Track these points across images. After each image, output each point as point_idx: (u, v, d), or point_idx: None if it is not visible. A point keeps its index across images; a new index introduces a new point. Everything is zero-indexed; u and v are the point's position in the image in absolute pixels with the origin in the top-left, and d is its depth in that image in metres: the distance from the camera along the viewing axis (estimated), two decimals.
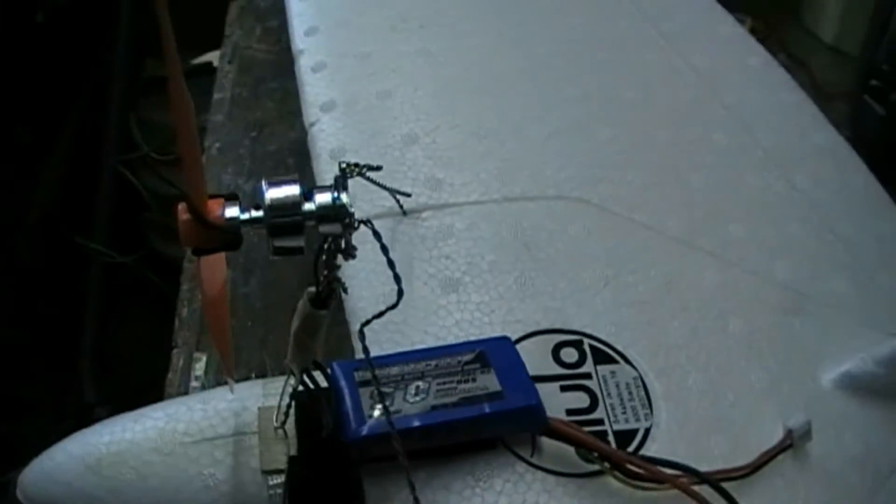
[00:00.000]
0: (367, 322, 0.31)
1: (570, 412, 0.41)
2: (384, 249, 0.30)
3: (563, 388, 0.41)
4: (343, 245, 0.30)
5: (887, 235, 0.51)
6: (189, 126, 0.28)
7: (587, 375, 0.42)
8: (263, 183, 0.29)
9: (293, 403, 0.38)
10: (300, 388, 0.38)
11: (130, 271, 1.34)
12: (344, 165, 0.30)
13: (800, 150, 0.55)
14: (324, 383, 0.38)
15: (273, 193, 0.29)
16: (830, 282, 0.48)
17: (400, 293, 0.30)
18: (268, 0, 0.86)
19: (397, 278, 0.30)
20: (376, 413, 0.37)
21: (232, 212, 0.29)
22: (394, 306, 0.30)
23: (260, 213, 0.29)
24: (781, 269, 0.48)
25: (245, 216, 0.29)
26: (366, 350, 0.31)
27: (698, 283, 0.47)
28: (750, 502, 0.38)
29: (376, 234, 0.30)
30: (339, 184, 0.30)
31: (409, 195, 0.45)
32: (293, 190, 0.29)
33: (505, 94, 0.55)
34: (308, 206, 0.29)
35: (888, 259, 0.50)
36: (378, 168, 0.31)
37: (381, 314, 0.30)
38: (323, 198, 0.29)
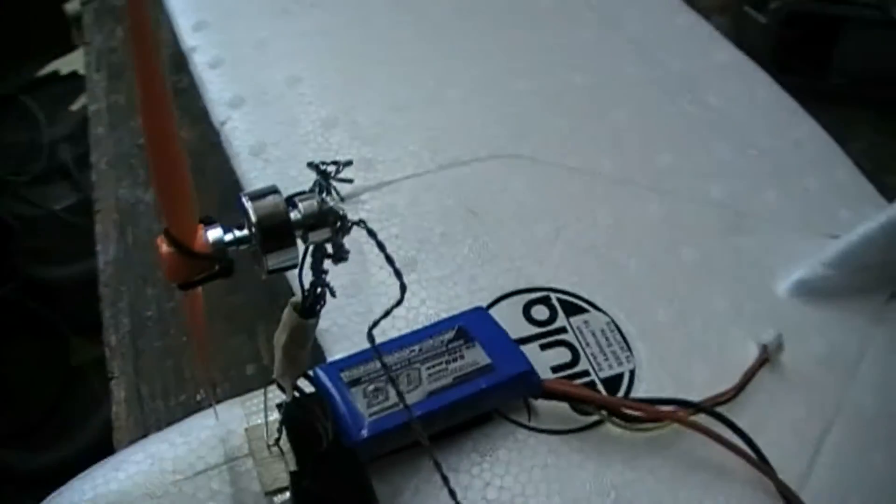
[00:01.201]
0: (376, 323, 0.30)
1: (555, 369, 0.41)
2: (381, 246, 0.28)
3: (543, 347, 0.41)
4: (332, 249, 0.29)
5: (803, 139, 0.53)
6: (167, 139, 0.25)
7: (562, 330, 0.42)
8: (243, 198, 0.27)
9: (283, 418, 0.37)
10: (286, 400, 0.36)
11: (7, 303, 1.27)
12: (323, 167, 0.28)
13: (706, 71, 0.56)
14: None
15: (258, 207, 0.27)
16: (764, 195, 0.50)
17: (402, 288, 0.28)
18: None
19: (398, 274, 0.28)
20: (374, 411, 0.36)
21: (215, 234, 0.27)
22: (398, 303, 0.29)
23: (245, 232, 0.27)
24: (717, 190, 0.49)
25: (230, 237, 0.27)
26: (375, 349, 0.30)
27: (644, 218, 0.48)
28: (741, 421, 0.39)
29: (371, 233, 0.28)
30: (323, 186, 0.28)
31: (351, 181, 0.44)
32: (278, 199, 0.27)
33: (412, 61, 0.54)
34: (294, 216, 0.27)
35: (810, 163, 0.52)
36: (350, 163, 0.30)
37: (387, 313, 0.29)
38: (307, 205, 0.28)
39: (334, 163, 0.29)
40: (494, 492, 0.36)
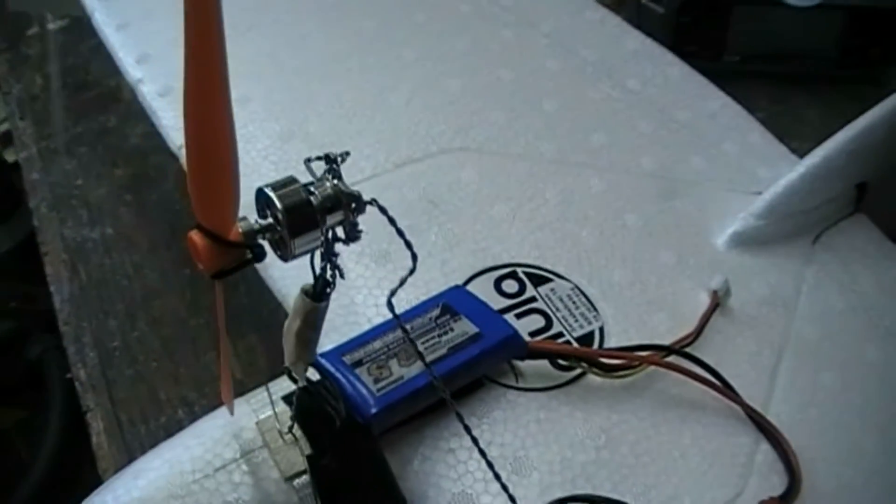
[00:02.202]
0: (394, 292, 0.32)
1: (532, 334, 0.44)
2: (392, 221, 0.31)
3: (518, 316, 0.45)
4: (346, 230, 0.31)
5: (716, 110, 0.58)
6: (215, 129, 0.25)
7: (533, 299, 0.46)
8: (267, 189, 0.30)
9: (296, 405, 0.39)
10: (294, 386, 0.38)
11: None
12: (333, 155, 0.31)
13: (620, 58, 0.60)
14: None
15: (282, 195, 0.29)
16: (689, 162, 0.54)
17: (414, 257, 0.31)
18: (36, 47, 0.82)
19: (409, 244, 0.31)
20: (381, 386, 0.38)
21: (245, 224, 0.29)
22: (412, 272, 0.32)
23: (270, 220, 0.30)
24: (647, 162, 0.54)
25: (257, 225, 0.29)
26: (396, 316, 0.33)
27: (587, 193, 0.52)
28: (704, 359, 0.43)
29: (383, 210, 0.31)
30: (335, 172, 0.31)
31: None
32: (297, 186, 0.30)
33: (352, 75, 0.57)
34: (312, 200, 0.30)
35: (725, 130, 0.57)
36: (348, 154, 0.32)
37: (403, 282, 0.32)
38: (323, 189, 0.30)
39: (334, 155, 0.32)
40: (497, 448, 0.40)
